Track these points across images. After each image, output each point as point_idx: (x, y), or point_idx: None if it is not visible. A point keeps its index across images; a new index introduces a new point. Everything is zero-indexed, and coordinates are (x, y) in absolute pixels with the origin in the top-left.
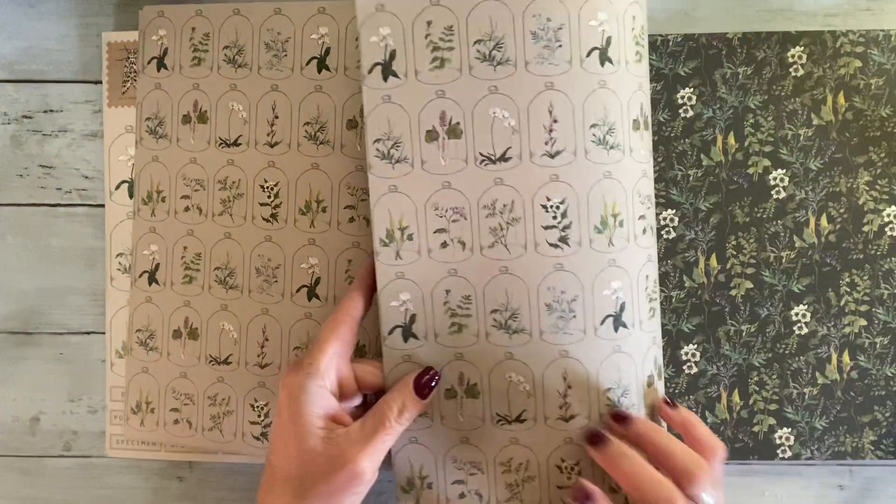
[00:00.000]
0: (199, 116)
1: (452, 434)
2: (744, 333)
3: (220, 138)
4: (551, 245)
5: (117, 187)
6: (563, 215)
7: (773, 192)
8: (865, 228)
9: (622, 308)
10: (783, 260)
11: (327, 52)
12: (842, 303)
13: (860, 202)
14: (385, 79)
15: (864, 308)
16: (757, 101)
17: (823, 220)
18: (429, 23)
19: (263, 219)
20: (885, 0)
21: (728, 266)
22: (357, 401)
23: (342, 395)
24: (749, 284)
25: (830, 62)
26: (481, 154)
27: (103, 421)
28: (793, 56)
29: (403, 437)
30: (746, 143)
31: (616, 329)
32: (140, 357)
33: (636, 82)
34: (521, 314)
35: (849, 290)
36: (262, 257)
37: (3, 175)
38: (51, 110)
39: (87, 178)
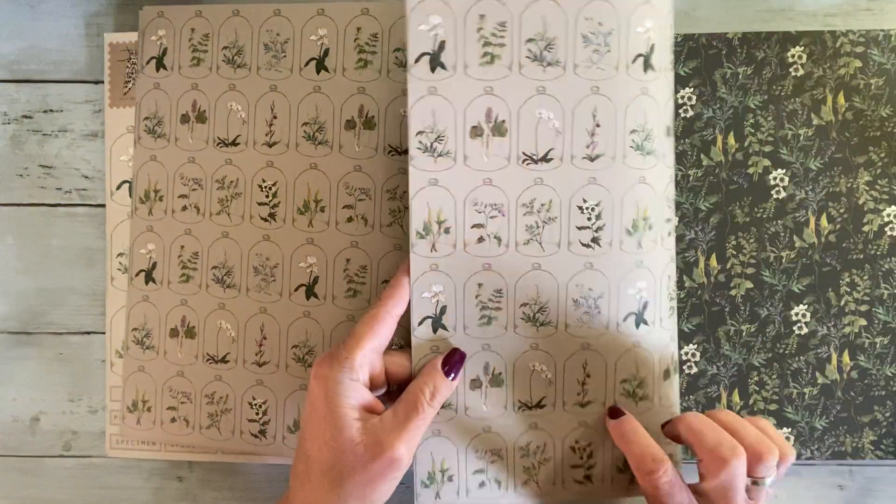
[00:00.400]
0: (198, 116)
1: (476, 424)
2: (744, 333)
3: (219, 138)
4: (584, 245)
5: (118, 187)
6: (598, 217)
7: (773, 192)
8: (865, 228)
9: (645, 307)
10: (783, 260)
11: (326, 53)
12: (842, 303)
13: (860, 202)
14: (433, 69)
15: (864, 308)
16: (757, 101)
17: (823, 220)
18: (482, 16)
19: (262, 218)
20: (885, 0)
21: (728, 266)
22: (382, 391)
23: (372, 387)
24: (749, 284)
25: (830, 62)
26: (524, 154)
27: (103, 421)
28: (793, 56)
29: (427, 430)
30: (746, 143)
31: (637, 326)
32: (136, 356)
33: (671, 89)
34: (549, 308)
35: (849, 290)
36: (260, 256)
37: (3, 175)
38: (51, 110)
39: (87, 178)
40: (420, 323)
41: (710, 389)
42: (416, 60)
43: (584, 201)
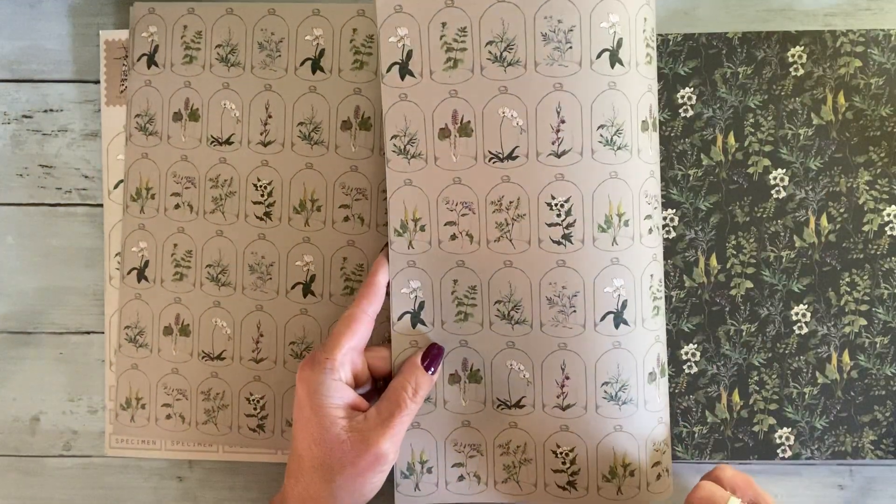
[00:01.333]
0: (191, 114)
1: (454, 418)
2: (744, 333)
3: (212, 136)
4: (554, 242)
5: (116, 186)
6: (568, 213)
7: (773, 192)
8: (865, 228)
9: (624, 305)
10: (783, 260)
11: (321, 53)
12: (842, 302)
13: (860, 202)
14: (402, 77)
15: (864, 308)
16: (757, 101)
17: (823, 220)
18: (443, 24)
19: (257, 217)
20: (885, 0)
21: (728, 266)
22: (368, 387)
23: (356, 384)
24: (749, 284)
25: (830, 62)
26: (490, 152)
27: (103, 421)
28: (793, 56)
29: None
30: (746, 143)
31: (616, 326)
32: (129, 354)
33: (646, 84)
34: (524, 306)
35: (849, 289)
36: (256, 255)
37: (3, 175)
38: (51, 110)
39: (86, 177)
40: (399, 318)
41: (710, 389)
42: (388, 70)
43: (553, 198)
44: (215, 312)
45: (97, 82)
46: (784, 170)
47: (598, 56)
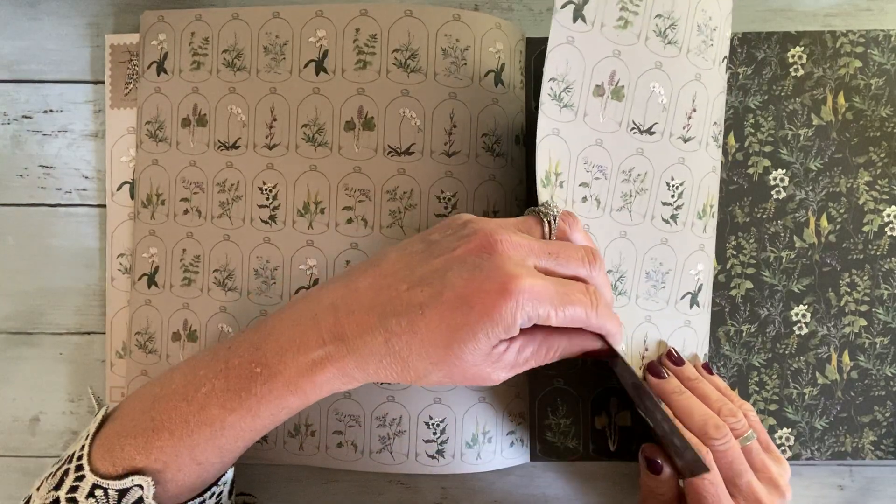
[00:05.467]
0: (199, 120)
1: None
2: (744, 334)
3: (219, 141)
4: (664, 220)
5: (119, 188)
6: (680, 196)
7: (773, 192)
8: (865, 228)
9: (700, 289)
10: (783, 260)
11: (325, 54)
12: (842, 303)
13: (860, 202)
14: (574, 20)
15: (864, 308)
16: (757, 101)
17: (823, 220)
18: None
19: (262, 220)
20: (885, 0)
21: (728, 266)
22: None
23: None
24: (749, 284)
25: (830, 62)
26: (633, 122)
27: None
28: (793, 56)
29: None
30: (746, 143)
31: (691, 306)
32: (139, 360)
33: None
34: (627, 278)
35: (849, 290)
36: (261, 259)
37: (3, 175)
38: (51, 110)
39: (87, 178)
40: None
41: None
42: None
43: (673, 178)
44: (221, 318)
45: (97, 83)
46: (784, 170)
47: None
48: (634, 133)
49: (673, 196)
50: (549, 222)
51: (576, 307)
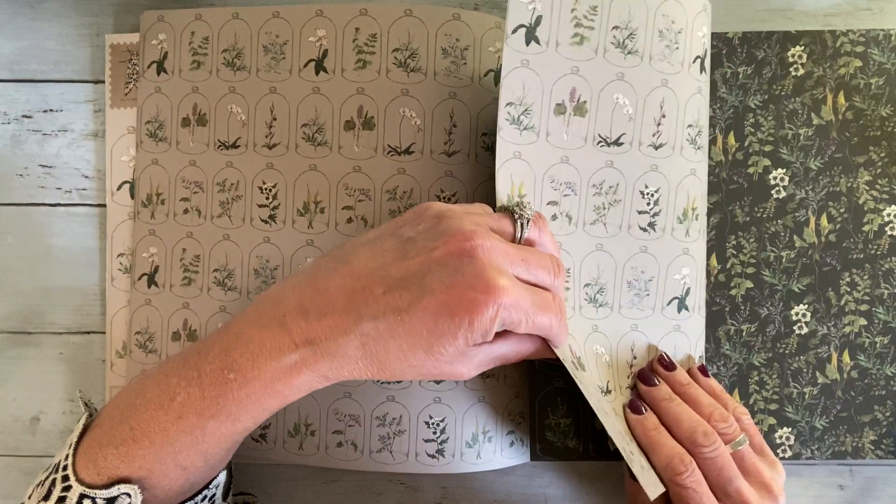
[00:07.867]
0: (199, 119)
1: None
2: (744, 333)
3: (219, 140)
4: (641, 229)
5: (119, 188)
6: (656, 203)
7: (773, 192)
8: (865, 228)
9: (687, 293)
10: (783, 260)
11: (325, 54)
12: (842, 302)
13: (860, 202)
14: (527, 43)
15: (864, 308)
16: (757, 101)
17: (823, 220)
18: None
19: (262, 220)
20: (885, 0)
21: (728, 266)
22: None
23: None
24: (749, 284)
25: (830, 62)
26: (599, 136)
27: None
28: (793, 56)
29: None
30: (746, 143)
31: (679, 311)
32: (139, 360)
33: (707, 91)
34: (608, 289)
35: (849, 289)
36: (261, 258)
37: (3, 175)
38: (51, 110)
39: (87, 177)
40: None
41: None
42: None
43: (647, 187)
44: (221, 318)
45: (97, 82)
46: (784, 170)
47: (694, 61)
48: (602, 146)
49: (648, 204)
50: (521, 224)
51: (547, 316)
